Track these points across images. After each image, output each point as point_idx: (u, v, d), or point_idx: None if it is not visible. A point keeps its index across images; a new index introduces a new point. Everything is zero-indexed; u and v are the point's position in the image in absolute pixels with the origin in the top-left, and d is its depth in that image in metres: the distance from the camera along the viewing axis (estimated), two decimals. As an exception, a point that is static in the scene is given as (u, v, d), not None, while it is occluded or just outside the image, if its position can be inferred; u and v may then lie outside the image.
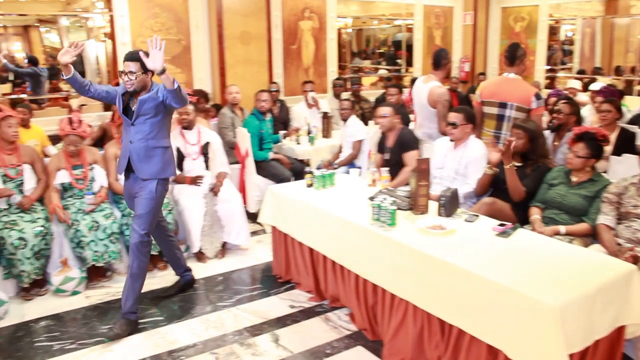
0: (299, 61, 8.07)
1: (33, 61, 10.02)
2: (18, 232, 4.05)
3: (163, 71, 3.25)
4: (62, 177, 4.43)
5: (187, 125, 4.85)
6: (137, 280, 3.69)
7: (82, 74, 10.84)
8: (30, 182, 4.36)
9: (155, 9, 6.96)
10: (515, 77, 4.65)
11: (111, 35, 7.22)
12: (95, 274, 4.44)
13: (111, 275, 4.55)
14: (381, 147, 4.85)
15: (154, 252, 4.50)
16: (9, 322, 3.90)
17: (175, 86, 3.29)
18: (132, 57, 3.49)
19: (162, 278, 4.51)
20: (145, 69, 3.45)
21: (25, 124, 5.45)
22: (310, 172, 4.22)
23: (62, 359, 3.43)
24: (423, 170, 3.52)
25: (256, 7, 7.38)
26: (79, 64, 11.28)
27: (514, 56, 4.64)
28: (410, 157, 4.49)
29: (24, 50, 11.50)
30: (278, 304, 4.04)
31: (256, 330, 3.68)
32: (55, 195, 4.37)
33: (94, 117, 6.66)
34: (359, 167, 5.41)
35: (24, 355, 3.48)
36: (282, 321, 3.79)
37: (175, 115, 5.14)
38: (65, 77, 3.43)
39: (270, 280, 4.43)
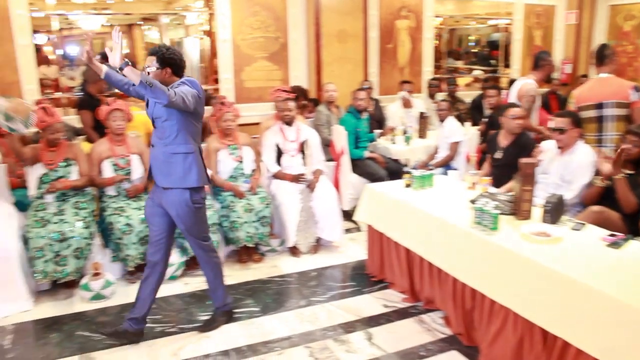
0: (395, 60, 8.01)
1: (106, 57, 10.44)
2: (125, 218, 4.28)
3: (122, 67, 2.88)
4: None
5: (288, 122, 4.94)
6: (217, 279, 3.71)
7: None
8: (137, 171, 4.58)
9: (256, 7, 7.12)
10: (608, 76, 4.62)
11: (209, 33, 7.45)
12: (194, 262, 4.59)
13: (209, 264, 4.70)
14: (492, 146, 4.70)
15: (249, 245, 4.64)
16: (115, 302, 4.13)
17: (140, 81, 2.84)
18: (150, 51, 3.27)
19: (257, 270, 4.64)
20: (161, 65, 3.20)
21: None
22: (409, 172, 4.19)
23: (163, 341, 3.59)
24: (528, 175, 3.41)
25: (353, 5, 7.40)
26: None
27: (603, 56, 4.66)
28: None
29: (127, 47, 12.12)
30: (371, 303, 4.04)
31: (349, 327, 3.70)
32: None
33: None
34: (455, 169, 5.32)
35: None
36: (376, 320, 3.79)
37: (275, 112, 5.27)
38: (101, 77, 3.25)
39: (364, 279, 4.44)
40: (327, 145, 5.72)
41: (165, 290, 4.27)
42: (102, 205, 4.51)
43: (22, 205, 4.51)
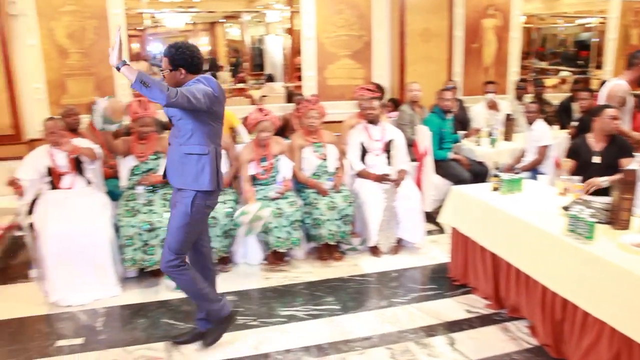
0: (479, 60, 7.81)
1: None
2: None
3: (119, 67, 2.77)
4: (251, 169, 4.70)
5: (372, 120, 4.92)
6: (196, 298, 3.43)
7: (261, 66, 11.49)
8: (223, 166, 4.67)
9: (340, 6, 7.14)
10: None
11: (290, 31, 7.53)
12: (275, 258, 4.67)
13: (289, 260, 4.75)
14: (583, 151, 4.45)
15: (331, 242, 4.66)
16: (199, 293, 4.24)
17: (133, 80, 2.72)
18: (163, 52, 3.16)
19: (337, 268, 4.63)
20: (173, 66, 3.09)
21: None
22: (497, 176, 4.08)
23: (246, 333, 3.65)
24: (629, 182, 3.24)
25: (439, 4, 7.29)
26: (258, 56, 11.98)
27: None
28: (628, 163, 4.14)
29: (209, 44, 12.44)
30: (453, 307, 3.96)
31: (431, 330, 3.64)
32: (248, 184, 4.66)
33: (277, 108, 6.98)
34: (543, 174, 5.13)
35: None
36: (458, 325, 3.70)
37: (358, 110, 5.26)
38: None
39: (445, 282, 4.35)
40: (409, 145, 5.65)
41: (247, 283, 4.38)
42: (189, 198, 4.62)
43: (113, 195, 4.70)
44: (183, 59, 3.09)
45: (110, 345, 3.52)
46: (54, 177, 4.47)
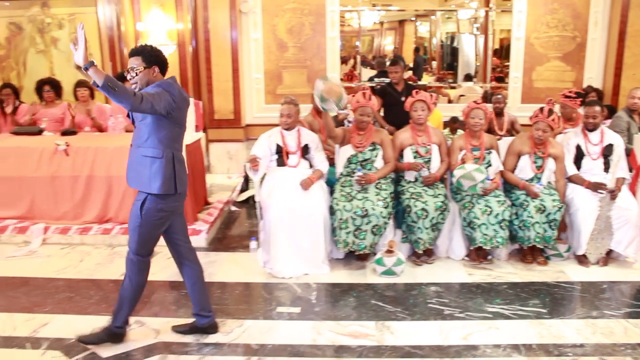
0: None
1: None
2: (422, 203, 4.55)
3: (87, 67, 2.76)
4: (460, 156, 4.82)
5: (593, 128, 4.78)
6: (124, 296, 3.37)
7: (453, 66, 11.38)
8: (435, 161, 4.84)
9: (554, 5, 6.95)
10: None
11: (486, 30, 7.46)
12: (477, 255, 4.73)
13: (491, 259, 4.78)
14: None
15: (539, 245, 4.62)
16: (403, 280, 4.44)
17: (101, 83, 2.73)
18: (132, 52, 3.17)
19: (541, 272, 4.57)
20: (148, 64, 3.12)
21: None
22: None
23: (452, 324, 3.76)
24: None
25: (670, 1, 6.77)
26: (449, 55, 11.85)
27: None
28: None
29: (394, 43, 12.57)
30: (675, 329, 3.73)
31: (652, 349, 3.47)
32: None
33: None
34: None
35: (419, 311, 3.94)
36: (683, 349, 3.49)
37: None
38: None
39: (664, 301, 4.11)
40: (626, 154, 5.36)
41: (450, 277, 4.52)
42: (399, 189, 4.83)
43: (327, 182, 4.99)
44: (159, 57, 3.19)
45: (325, 318, 3.82)
46: (282, 155, 4.88)
